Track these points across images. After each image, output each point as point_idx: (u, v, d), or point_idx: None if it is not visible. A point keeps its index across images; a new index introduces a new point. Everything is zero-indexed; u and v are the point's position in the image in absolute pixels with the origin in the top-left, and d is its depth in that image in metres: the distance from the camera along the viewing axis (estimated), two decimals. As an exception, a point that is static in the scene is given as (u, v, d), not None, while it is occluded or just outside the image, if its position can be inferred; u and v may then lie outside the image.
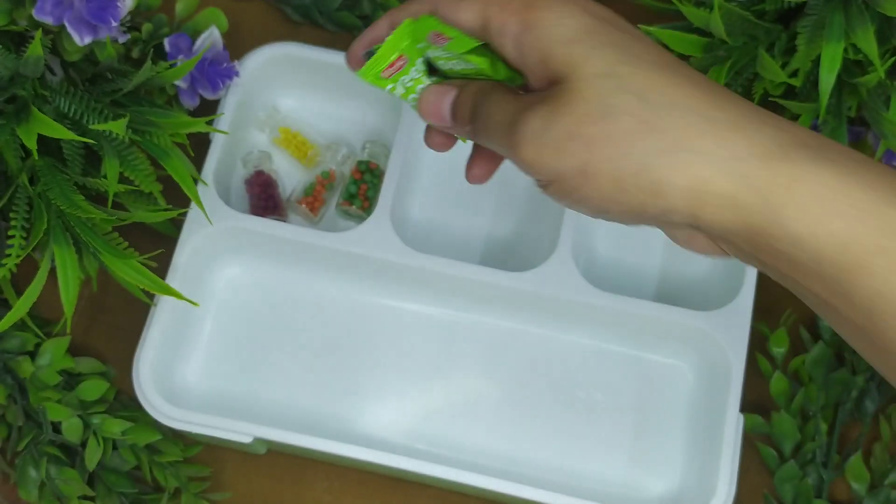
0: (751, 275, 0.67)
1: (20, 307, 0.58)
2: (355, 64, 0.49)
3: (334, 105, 0.76)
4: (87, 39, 0.60)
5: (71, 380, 0.66)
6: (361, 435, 0.67)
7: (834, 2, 0.60)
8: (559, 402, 0.69)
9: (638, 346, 0.69)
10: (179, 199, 0.65)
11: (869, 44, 0.59)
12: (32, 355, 0.66)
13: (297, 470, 0.68)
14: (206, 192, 0.67)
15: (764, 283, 0.69)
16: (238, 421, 0.63)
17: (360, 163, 0.73)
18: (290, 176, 0.74)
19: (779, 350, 0.69)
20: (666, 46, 0.64)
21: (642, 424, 0.68)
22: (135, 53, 0.66)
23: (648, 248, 0.72)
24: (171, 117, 0.62)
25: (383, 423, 0.68)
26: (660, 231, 0.44)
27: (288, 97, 0.75)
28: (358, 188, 0.72)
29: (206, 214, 0.64)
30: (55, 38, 0.61)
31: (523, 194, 0.74)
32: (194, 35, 0.67)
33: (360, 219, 0.70)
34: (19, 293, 0.59)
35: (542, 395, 0.69)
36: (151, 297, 0.65)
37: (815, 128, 0.68)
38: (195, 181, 0.63)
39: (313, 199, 0.72)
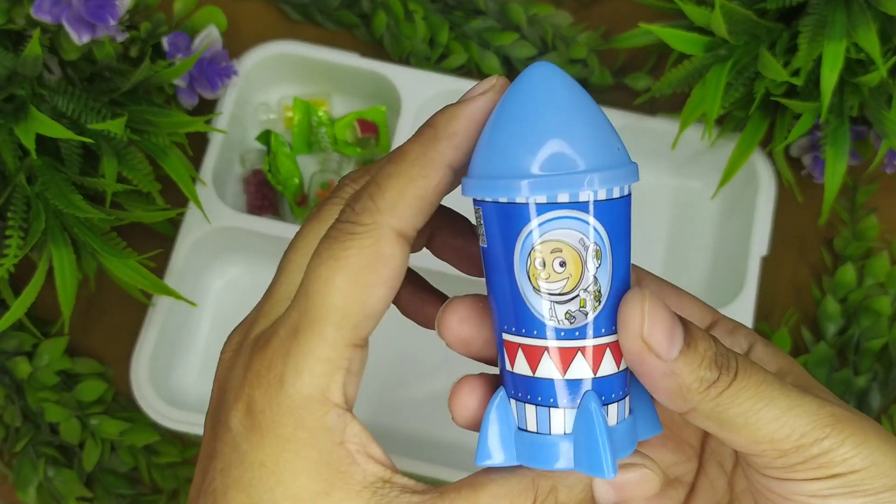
0: (752, 275, 0.66)
1: (18, 307, 0.58)
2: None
3: (333, 104, 0.75)
4: (86, 38, 0.59)
5: (69, 380, 0.66)
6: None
7: (836, 0, 0.60)
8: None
9: (639, 347, 0.69)
10: (178, 199, 0.64)
11: (871, 43, 0.58)
12: (30, 356, 0.66)
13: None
14: (205, 191, 0.67)
15: (766, 284, 0.69)
16: (237, 422, 0.63)
17: (366, 163, 0.73)
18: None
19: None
20: (667, 45, 0.63)
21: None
22: (133, 52, 0.66)
23: (649, 249, 0.72)
24: (169, 116, 0.61)
25: (383, 423, 0.68)
26: (661, 232, 0.43)
27: (286, 96, 0.75)
28: None
29: (204, 214, 0.64)
30: (53, 36, 0.61)
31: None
32: (193, 34, 0.67)
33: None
34: (17, 293, 0.59)
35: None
36: (149, 297, 0.64)
37: (816, 127, 0.68)
38: (193, 180, 0.63)
39: None
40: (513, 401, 0.34)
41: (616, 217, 0.32)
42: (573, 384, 0.32)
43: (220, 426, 0.34)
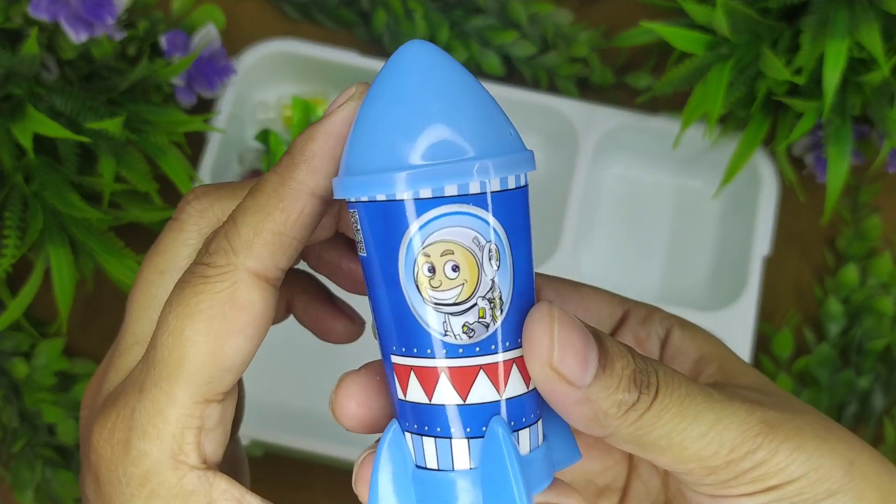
0: (754, 275, 0.66)
1: (15, 308, 0.58)
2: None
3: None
4: (83, 37, 0.59)
5: (66, 381, 0.66)
6: (360, 437, 0.66)
7: (838, -1, 0.59)
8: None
9: (640, 347, 0.69)
10: (176, 199, 0.64)
11: (874, 41, 0.58)
12: (27, 356, 0.65)
13: (296, 473, 0.67)
14: (204, 191, 0.67)
15: (768, 284, 0.69)
16: (236, 423, 0.62)
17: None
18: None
19: (783, 351, 0.68)
20: (668, 44, 0.63)
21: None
22: (131, 51, 0.66)
23: (650, 249, 0.72)
24: (167, 115, 0.61)
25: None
26: (662, 231, 0.41)
27: (285, 95, 0.75)
28: None
29: (203, 214, 0.64)
30: (51, 35, 0.61)
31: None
32: (191, 32, 0.67)
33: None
34: (14, 294, 0.59)
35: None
36: (148, 297, 0.64)
37: (819, 126, 0.68)
38: (192, 180, 0.62)
39: None
40: (408, 434, 0.29)
41: (513, 211, 0.27)
42: (477, 409, 0.28)
43: (83, 497, 0.31)
